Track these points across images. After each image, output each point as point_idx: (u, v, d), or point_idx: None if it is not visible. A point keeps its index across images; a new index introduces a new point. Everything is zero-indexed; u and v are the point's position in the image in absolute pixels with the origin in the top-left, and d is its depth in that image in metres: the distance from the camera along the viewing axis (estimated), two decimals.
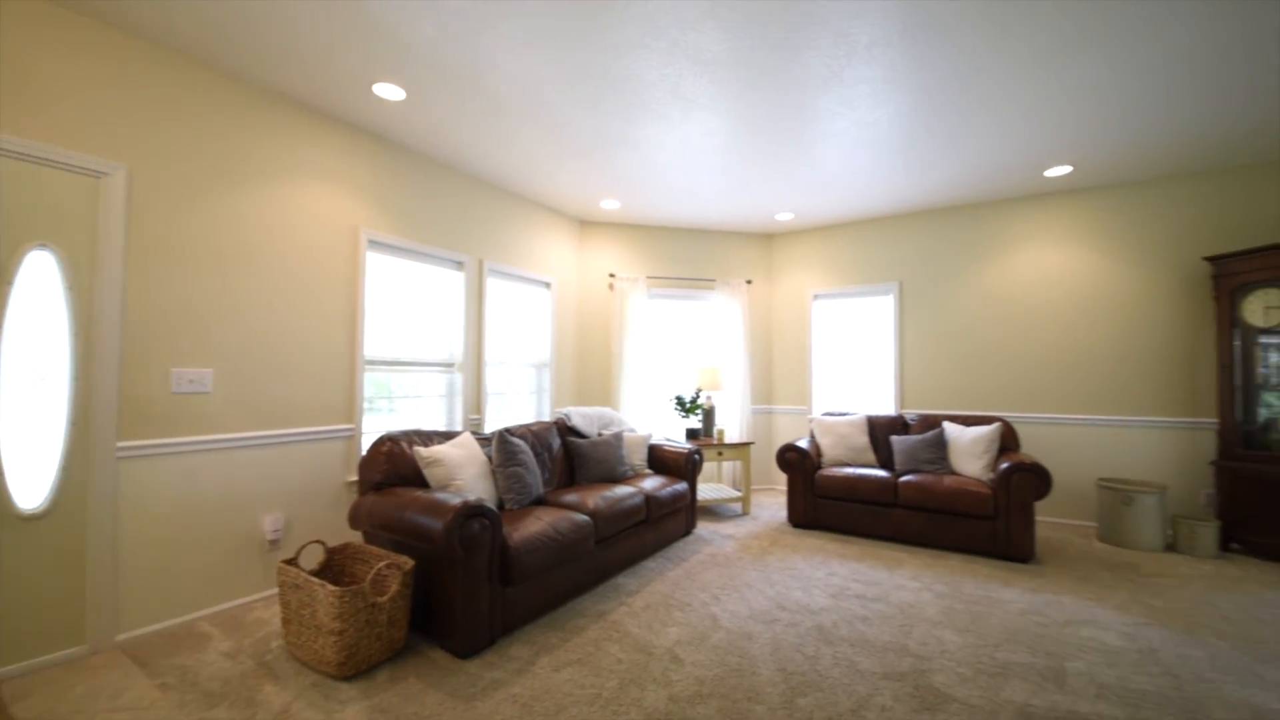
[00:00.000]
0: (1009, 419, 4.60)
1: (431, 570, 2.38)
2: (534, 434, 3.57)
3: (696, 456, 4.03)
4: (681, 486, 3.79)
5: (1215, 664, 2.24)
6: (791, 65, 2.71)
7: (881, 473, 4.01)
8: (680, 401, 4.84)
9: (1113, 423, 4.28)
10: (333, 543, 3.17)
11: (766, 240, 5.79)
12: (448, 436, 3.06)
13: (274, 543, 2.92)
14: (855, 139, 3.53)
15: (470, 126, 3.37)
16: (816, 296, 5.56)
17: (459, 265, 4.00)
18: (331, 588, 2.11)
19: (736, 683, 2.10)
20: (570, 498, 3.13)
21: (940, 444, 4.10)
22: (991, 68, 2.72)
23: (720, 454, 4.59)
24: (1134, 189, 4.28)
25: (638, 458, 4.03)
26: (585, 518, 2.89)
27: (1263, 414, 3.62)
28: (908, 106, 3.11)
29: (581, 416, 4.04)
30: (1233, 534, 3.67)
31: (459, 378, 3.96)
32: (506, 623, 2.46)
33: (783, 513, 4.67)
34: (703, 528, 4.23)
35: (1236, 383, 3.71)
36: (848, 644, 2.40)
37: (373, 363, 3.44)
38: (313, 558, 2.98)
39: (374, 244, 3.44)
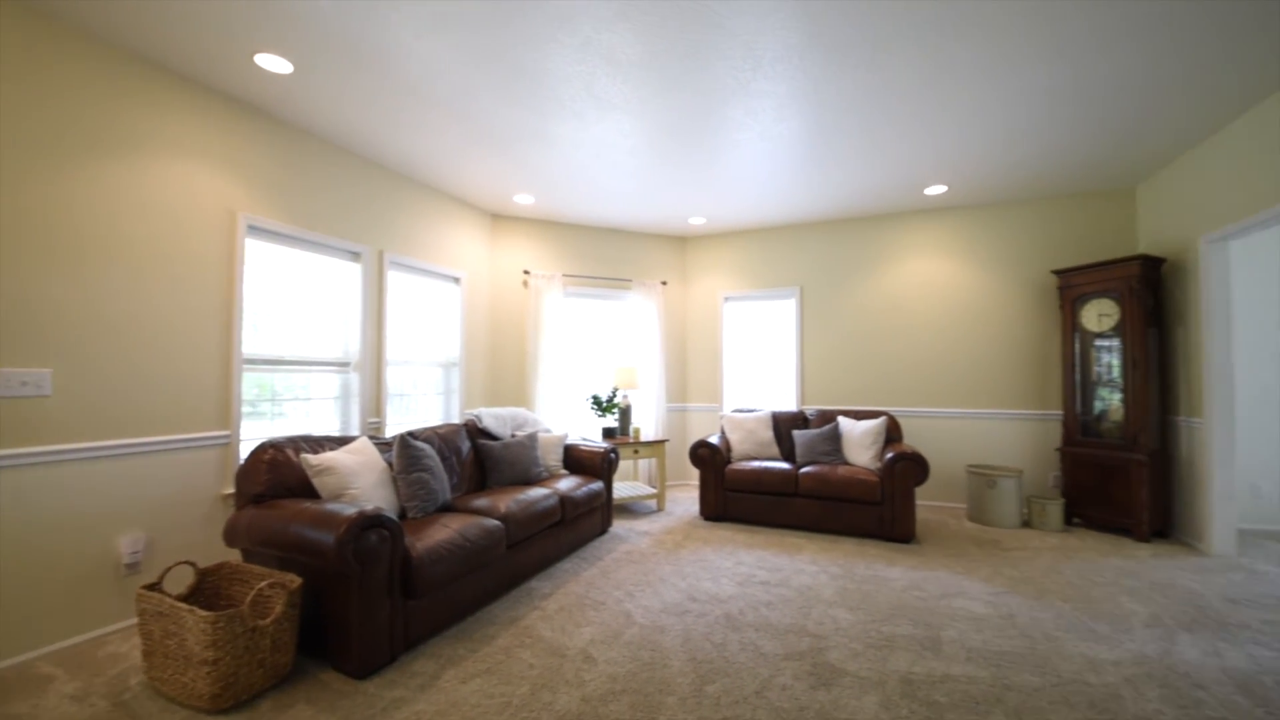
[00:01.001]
0: (894, 413, 5.06)
1: (323, 587, 2.20)
2: (441, 437, 3.41)
3: (613, 455, 4.04)
4: (597, 486, 3.79)
5: (1059, 623, 2.59)
6: (702, 73, 2.79)
7: (784, 465, 4.25)
8: (597, 401, 4.84)
9: (979, 415, 4.82)
10: (205, 563, 2.83)
11: (681, 243, 5.93)
12: (342, 442, 2.84)
13: (132, 566, 2.56)
14: (761, 150, 3.70)
15: (369, 108, 3.15)
16: (727, 299, 5.78)
17: (355, 256, 3.73)
18: (203, 613, 1.89)
19: (649, 676, 2.13)
20: (481, 502, 3.02)
21: (835, 437, 4.42)
22: (878, 93, 2.96)
23: (636, 452, 4.64)
24: (998, 208, 4.85)
25: (553, 458, 3.97)
26: (496, 523, 2.80)
27: (1097, 406, 4.24)
28: (808, 122, 3.31)
29: (493, 418, 3.92)
30: (1074, 510, 4.27)
31: (355, 378, 3.69)
32: (409, 637, 2.33)
33: (696, 507, 4.81)
34: (619, 525, 4.25)
35: (1077, 380, 4.32)
36: (753, 629, 2.51)
37: (253, 361, 3.12)
38: (181, 581, 2.65)
39: (256, 230, 3.12)
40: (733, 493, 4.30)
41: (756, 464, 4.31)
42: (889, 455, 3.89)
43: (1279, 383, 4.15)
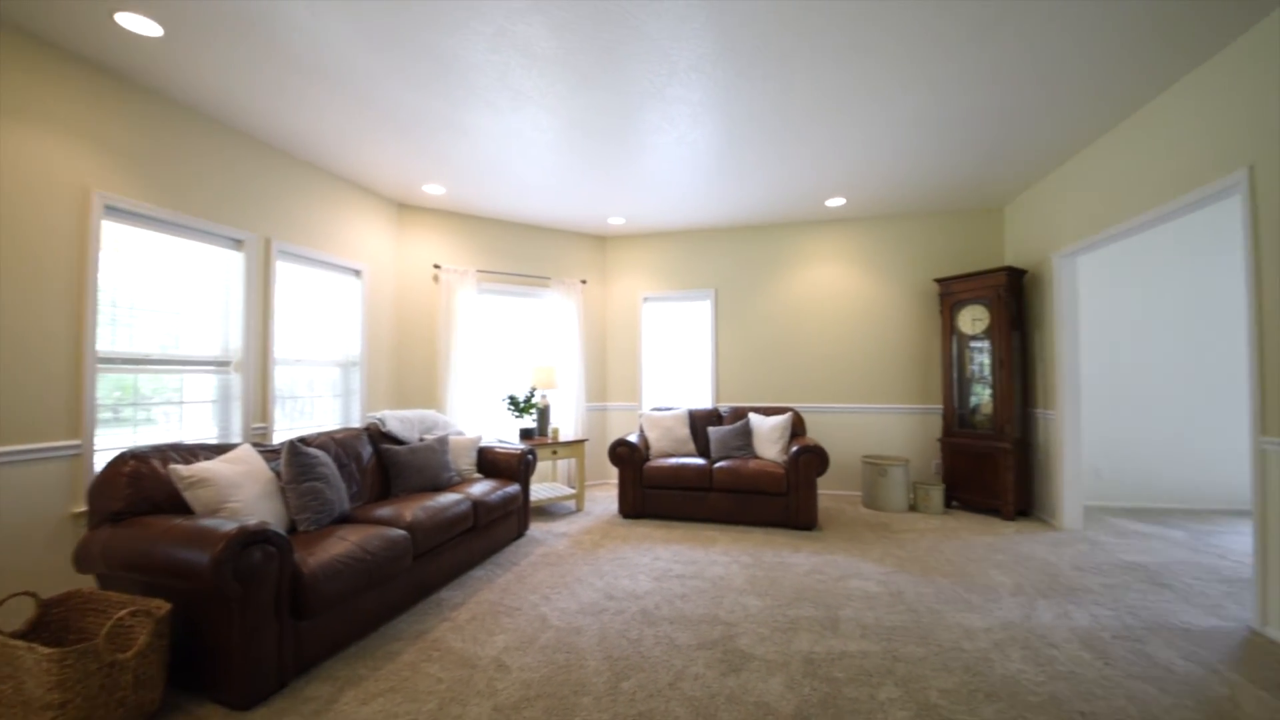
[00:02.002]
0: (799, 408, 5.37)
1: (198, 613, 1.97)
2: (338, 442, 3.17)
3: (530, 457, 3.96)
4: (513, 489, 3.69)
5: (940, 597, 2.87)
6: (619, 74, 2.80)
7: (700, 461, 4.37)
8: (513, 401, 4.72)
9: (872, 410, 5.23)
10: (50, 593, 2.45)
11: (600, 242, 5.92)
12: (220, 450, 2.56)
13: None
14: (678, 154, 3.78)
15: (255, 82, 2.86)
16: (646, 299, 5.85)
17: (238, 244, 3.38)
18: (45, 650, 1.63)
19: (564, 679, 2.10)
20: (384, 511, 2.84)
21: (747, 432, 4.61)
22: (784, 109, 3.12)
23: (555, 453, 4.58)
24: (890, 221, 5.29)
25: (465, 462, 3.82)
26: (401, 532, 2.64)
27: (971, 401, 4.74)
28: (721, 131, 3.43)
29: (399, 420, 3.70)
30: (953, 494, 4.74)
31: (238, 379, 3.34)
32: (302, 660, 2.14)
33: (615, 505, 4.83)
34: (536, 528, 4.17)
35: (954, 377, 4.80)
36: (668, 622, 2.56)
37: (113, 360, 2.73)
38: (19, 614, 2.26)
39: (116, 211, 2.74)
40: (651, 490, 4.36)
41: (674, 461, 4.40)
42: (794, 449, 4.11)
43: (1117, 379, 4.86)
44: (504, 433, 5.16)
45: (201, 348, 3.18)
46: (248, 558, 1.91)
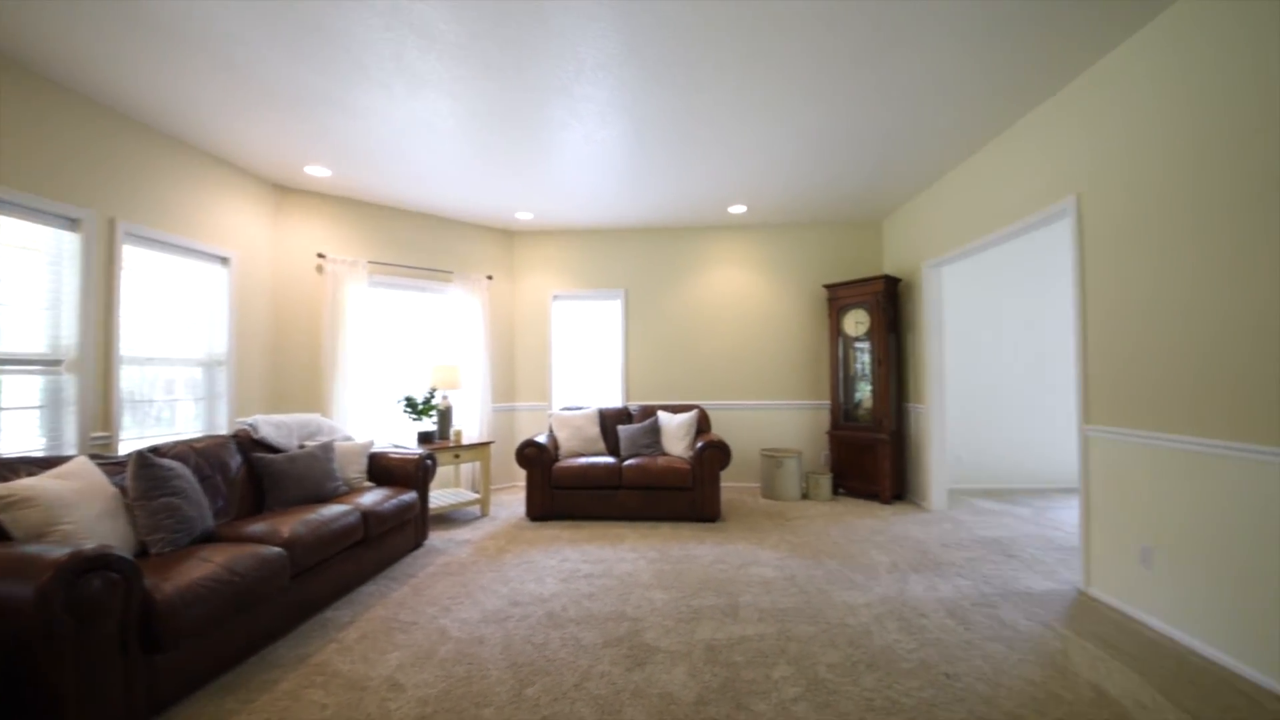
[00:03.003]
0: (704, 405, 5.57)
1: (20, 654, 1.65)
2: (199, 452, 2.81)
3: (429, 462, 3.75)
4: (410, 497, 3.48)
5: (828, 578, 3.10)
6: (526, 67, 2.73)
7: (609, 459, 4.39)
8: (411, 403, 4.44)
9: (770, 406, 5.55)
10: None
11: (508, 237, 5.75)
12: (47, 464, 2.17)
13: None
14: (587, 153, 3.77)
15: (98, 38, 2.45)
16: (556, 297, 5.77)
17: (73, 223, 2.88)
18: None
19: (464, 692, 2.01)
20: (257, 528, 2.56)
21: (655, 430, 4.70)
22: (688, 115, 3.21)
23: (458, 456, 4.37)
24: (787, 229, 5.63)
25: (355, 470, 3.54)
26: (277, 550, 2.39)
27: (856, 396, 5.17)
28: (629, 132, 3.46)
29: (274, 426, 3.35)
30: (840, 482, 5.15)
31: (72, 380, 2.85)
32: (157, 699, 1.87)
33: (523, 508, 4.71)
34: (437, 537, 3.96)
35: (840, 375, 5.21)
36: (575, 623, 2.54)
37: None
38: None
39: None
40: (560, 490, 4.31)
41: (584, 460, 4.38)
42: (699, 444, 4.26)
43: (977, 376, 5.51)
44: (402, 437, 4.85)
45: (24, 343, 2.68)
46: (85, 587, 1.63)
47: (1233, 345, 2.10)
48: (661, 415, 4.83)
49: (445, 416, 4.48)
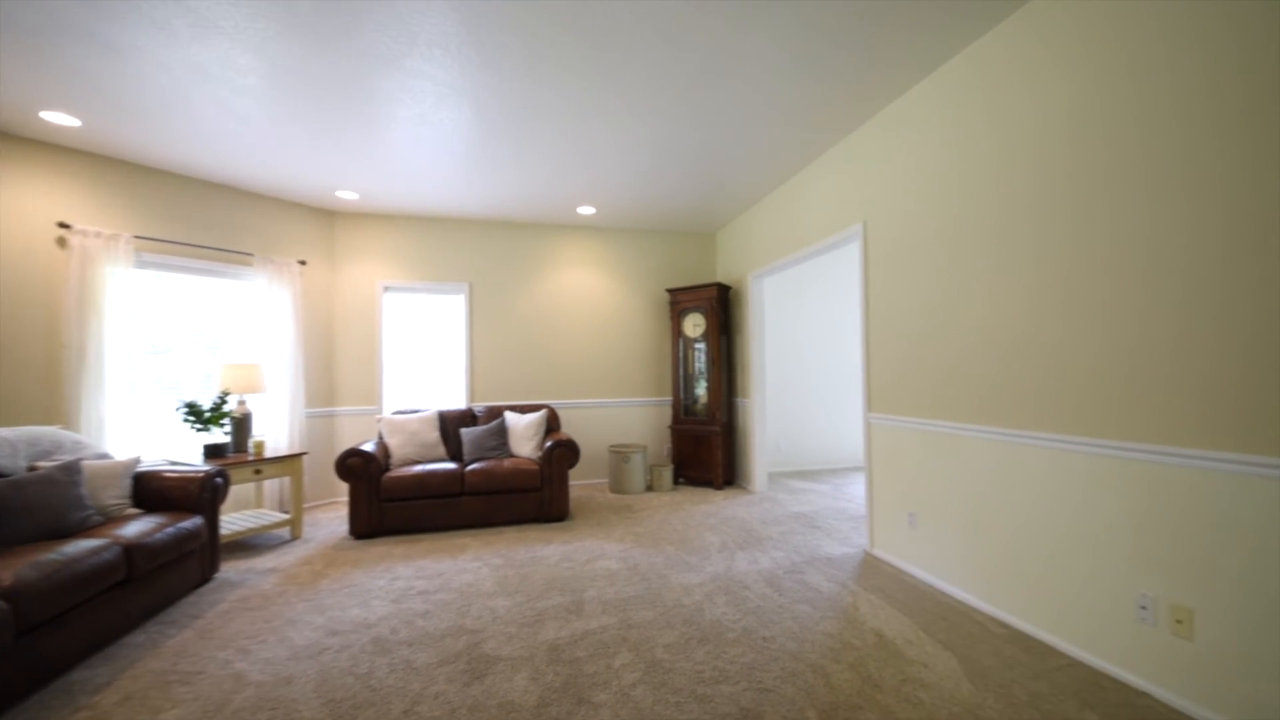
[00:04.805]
0: (554, 405, 5.53)
1: None
2: None
3: (219, 480, 3.16)
4: (192, 523, 2.90)
5: (668, 563, 3.27)
6: (349, 32, 2.44)
7: (450, 465, 4.13)
8: (195, 410, 3.70)
9: (619, 403, 5.72)
10: None
11: (328, 218, 5.09)
12: None
13: None
14: (424, 134, 3.49)
15: None
16: (387, 288, 5.26)
17: None
18: None
19: None
20: None
21: (502, 431, 4.55)
22: (535, 112, 3.16)
23: (259, 472, 3.75)
24: (634, 234, 5.84)
25: (113, 494, 2.85)
26: None
27: (696, 393, 5.54)
28: (471, 120, 3.28)
29: None
30: (680, 472, 5.48)
31: None
32: None
33: (345, 526, 4.21)
34: (233, 568, 3.36)
35: (681, 373, 5.56)
36: (406, 646, 2.34)
37: None
38: None
39: None
40: (392, 503, 3.93)
41: (420, 468, 4.05)
42: (549, 444, 4.21)
43: (791, 373, 6.25)
44: (186, 452, 4.02)
45: None
46: None
47: (979, 350, 2.67)
48: (509, 416, 4.68)
49: (242, 425, 3.82)
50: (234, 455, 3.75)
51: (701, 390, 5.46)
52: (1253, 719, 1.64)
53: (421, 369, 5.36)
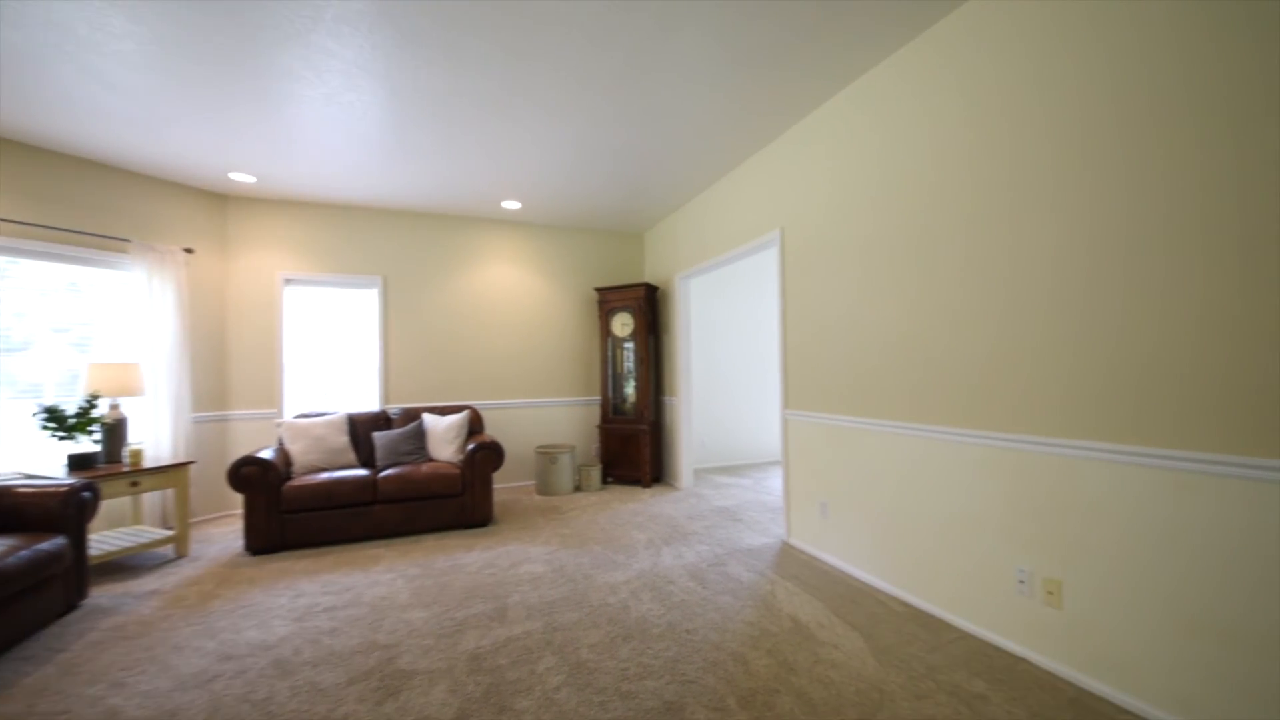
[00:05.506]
0: (477, 406, 5.35)
1: None
2: None
3: (86, 494, 2.79)
4: (53, 544, 2.54)
5: (595, 563, 3.26)
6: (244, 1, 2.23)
7: (361, 472, 3.88)
8: (56, 415, 3.24)
9: (546, 403, 5.63)
10: None
11: (219, 202, 4.62)
12: None
13: None
14: (331, 116, 3.26)
15: None
16: (289, 281, 4.85)
17: None
18: None
19: None
20: None
21: (420, 434, 4.34)
22: (455, 101, 3.03)
23: (136, 484, 3.35)
24: (561, 231, 5.76)
25: None
26: None
27: (624, 392, 5.56)
28: (384, 103, 3.10)
29: None
30: (609, 471, 5.48)
31: None
32: None
33: (240, 541, 3.85)
34: (105, 592, 2.98)
35: (610, 373, 5.55)
36: (310, 667, 2.18)
37: None
38: None
39: None
40: (294, 514, 3.63)
41: (326, 475, 3.78)
42: (471, 446, 4.07)
43: (716, 372, 6.42)
44: (47, 464, 3.50)
45: None
46: None
47: (881, 350, 2.86)
48: (427, 418, 4.47)
49: (115, 432, 3.40)
50: (105, 466, 3.32)
51: (630, 389, 5.49)
52: (1109, 677, 1.88)
53: (329, 369, 5.00)
